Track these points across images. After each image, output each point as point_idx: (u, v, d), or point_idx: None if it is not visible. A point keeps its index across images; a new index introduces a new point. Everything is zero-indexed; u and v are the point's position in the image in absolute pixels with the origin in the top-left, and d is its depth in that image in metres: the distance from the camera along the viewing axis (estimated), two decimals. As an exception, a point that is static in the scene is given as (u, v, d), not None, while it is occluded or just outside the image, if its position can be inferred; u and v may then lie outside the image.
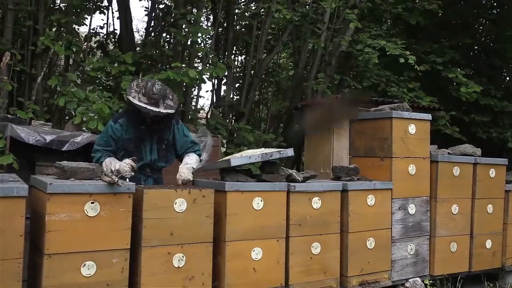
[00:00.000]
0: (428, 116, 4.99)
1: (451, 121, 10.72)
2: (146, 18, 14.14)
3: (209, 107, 12.06)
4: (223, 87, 11.13)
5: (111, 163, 3.69)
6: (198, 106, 10.37)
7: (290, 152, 4.04)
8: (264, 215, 3.77)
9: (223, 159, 4.17)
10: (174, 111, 3.86)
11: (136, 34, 13.00)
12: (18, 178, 3.10)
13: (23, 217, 2.75)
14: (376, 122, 4.85)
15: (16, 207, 2.72)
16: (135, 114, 3.80)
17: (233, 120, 10.70)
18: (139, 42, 11.81)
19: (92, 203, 3.00)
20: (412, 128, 4.79)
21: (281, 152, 3.94)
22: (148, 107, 3.66)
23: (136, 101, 3.68)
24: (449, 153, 5.26)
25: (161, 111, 3.72)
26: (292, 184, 3.95)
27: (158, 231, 3.26)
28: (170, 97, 3.87)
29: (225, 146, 9.03)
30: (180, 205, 3.35)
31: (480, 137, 11.67)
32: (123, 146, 3.88)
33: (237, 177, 3.79)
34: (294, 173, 4.08)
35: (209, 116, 10.90)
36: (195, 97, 9.97)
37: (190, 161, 3.93)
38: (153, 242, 3.24)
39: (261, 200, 3.74)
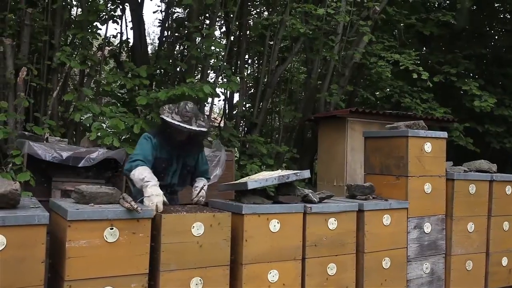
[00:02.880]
0: (444, 134, 4.97)
1: (465, 131, 10.68)
2: (157, 21, 14.36)
3: (221, 117, 12.11)
4: (236, 96, 11.18)
5: (144, 178, 3.61)
6: (211, 117, 10.35)
7: (306, 174, 4.05)
8: (281, 237, 3.77)
9: (240, 180, 4.18)
10: (206, 129, 4.00)
11: (147, 39, 13.08)
12: (38, 204, 3.12)
13: (44, 245, 2.78)
14: (392, 140, 4.83)
15: (38, 235, 2.75)
16: (169, 135, 3.94)
17: (245, 129, 10.71)
18: (150, 47, 11.91)
19: (111, 229, 3.03)
20: (428, 147, 4.77)
21: (298, 174, 3.95)
22: (182, 124, 3.80)
23: (169, 119, 3.83)
24: (465, 170, 5.23)
25: (194, 128, 3.85)
26: (308, 205, 3.95)
27: (176, 255, 3.28)
28: (202, 118, 4.01)
29: (238, 157, 9.05)
30: (198, 229, 3.36)
31: (494, 147, 11.61)
32: (154, 164, 3.96)
33: (253, 198, 3.80)
34: (310, 194, 4.08)
35: (221, 126, 10.94)
36: (208, 104, 9.96)
37: (204, 186, 4.13)
38: (171, 266, 3.26)
39: (277, 222, 3.75)
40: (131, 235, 3.10)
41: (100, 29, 8.72)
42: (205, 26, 9.66)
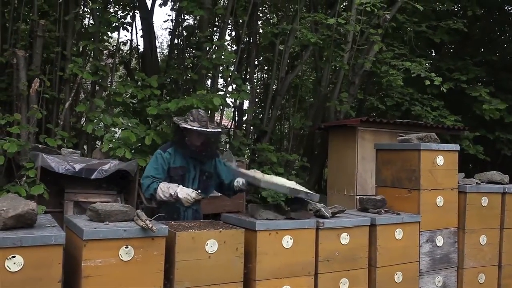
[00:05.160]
0: (456, 147, 4.95)
1: (476, 138, 10.64)
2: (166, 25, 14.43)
3: (231, 123, 12.13)
4: (245, 102, 11.20)
5: (168, 188, 4.01)
6: (222, 123, 10.36)
7: (316, 198, 4.01)
8: (293, 253, 3.78)
9: (254, 175, 4.11)
10: (221, 129, 4.41)
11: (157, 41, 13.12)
12: (54, 223, 3.14)
13: (61, 264, 2.80)
14: (404, 153, 4.82)
15: (54, 255, 2.77)
16: (186, 143, 4.20)
17: (255, 135, 10.72)
18: (159, 50, 11.95)
19: (126, 247, 3.05)
20: (440, 160, 4.76)
21: (309, 195, 3.92)
22: (203, 129, 4.13)
23: (191, 127, 4.11)
24: (477, 182, 5.20)
25: (213, 130, 4.23)
26: (321, 220, 3.95)
27: (190, 272, 3.29)
28: (211, 122, 4.40)
29: (248, 165, 9.06)
30: (212, 246, 3.38)
31: (505, 154, 11.57)
32: (169, 174, 4.20)
33: (266, 214, 3.81)
34: (322, 209, 4.09)
35: (231, 133, 10.97)
36: (218, 112, 9.98)
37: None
38: (185, 283, 3.27)
39: (290, 238, 3.76)
40: (146, 253, 3.11)
41: (111, 37, 8.78)
42: (214, 34, 9.71)
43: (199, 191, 4.06)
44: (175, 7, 10.14)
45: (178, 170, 4.19)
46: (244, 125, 10.67)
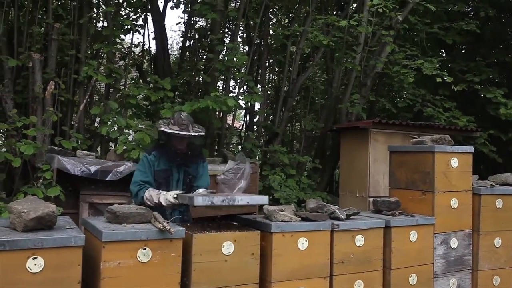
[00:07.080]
0: (471, 149, 4.94)
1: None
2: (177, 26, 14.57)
3: (242, 125, 12.16)
4: (257, 104, 11.21)
5: (152, 197, 3.94)
6: (234, 125, 10.38)
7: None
8: (309, 255, 3.80)
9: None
10: (204, 133, 4.24)
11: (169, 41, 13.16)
12: (73, 224, 3.19)
13: (80, 266, 2.84)
14: (418, 155, 4.82)
15: (74, 257, 2.82)
16: (168, 146, 4.16)
17: (267, 137, 10.74)
18: (171, 54, 11.98)
19: (144, 249, 3.09)
20: (454, 162, 4.75)
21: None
22: (181, 132, 4.03)
23: (169, 130, 4.05)
24: (491, 184, 5.19)
25: (192, 133, 4.09)
26: (336, 223, 3.97)
27: (207, 274, 3.33)
28: (196, 126, 4.23)
29: (260, 167, 9.08)
30: (228, 248, 3.41)
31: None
32: (154, 177, 4.16)
33: (281, 216, 3.83)
34: (337, 211, 4.11)
35: (242, 135, 11.00)
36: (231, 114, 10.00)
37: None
38: (202, 285, 3.31)
39: (305, 240, 3.78)
40: (163, 255, 3.15)
41: (123, 39, 8.83)
42: (226, 36, 9.74)
43: (177, 194, 3.85)
44: (187, 9, 10.18)
45: (161, 173, 4.16)
46: (256, 127, 10.69)
